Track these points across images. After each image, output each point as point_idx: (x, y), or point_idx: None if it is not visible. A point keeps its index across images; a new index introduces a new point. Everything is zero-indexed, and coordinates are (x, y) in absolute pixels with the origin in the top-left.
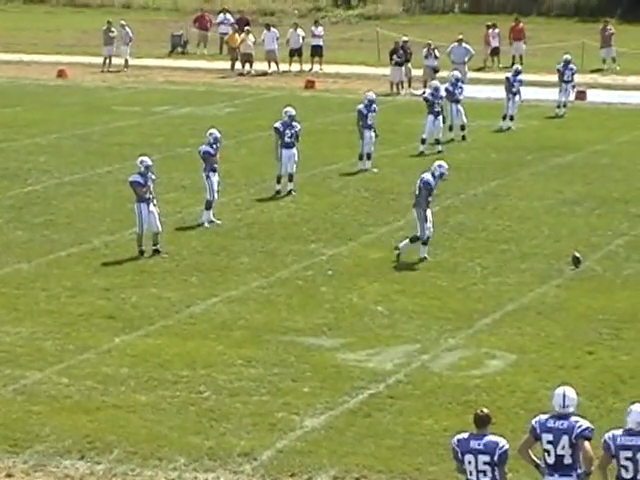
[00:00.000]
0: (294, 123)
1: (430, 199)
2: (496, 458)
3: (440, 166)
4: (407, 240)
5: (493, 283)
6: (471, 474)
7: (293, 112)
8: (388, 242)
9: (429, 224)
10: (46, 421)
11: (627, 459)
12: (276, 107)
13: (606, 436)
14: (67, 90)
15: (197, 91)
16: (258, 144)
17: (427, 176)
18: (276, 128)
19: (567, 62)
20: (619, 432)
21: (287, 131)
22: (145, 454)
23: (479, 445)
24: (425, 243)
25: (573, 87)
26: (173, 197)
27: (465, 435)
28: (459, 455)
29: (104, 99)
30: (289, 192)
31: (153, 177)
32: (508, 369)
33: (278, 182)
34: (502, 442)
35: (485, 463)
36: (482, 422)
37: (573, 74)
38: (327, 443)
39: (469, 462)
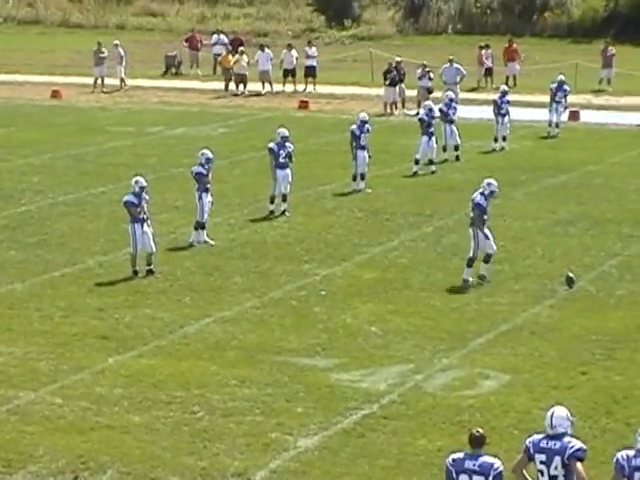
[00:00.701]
0: (287, 144)
1: (485, 217)
2: (490, 479)
3: (489, 184)
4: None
5: (486, 303)
6: None
7: (286, 132)
8: (382, 262)
9: (490, 242)
10: (40, 441)
11: None
12: (270, 127)
13: (619, 456)
14: (61, 110)
15: (191, 112)
16: (252, 164)
17: (478, 197)
18: (270, 149)
19: (561, 83)
20: (632, 453)
21: (281, 151)
22: (139, 474)
23: (474, 465)
24: (486, 261)
25: (565, 108)
26: (167, 217)
27: (460, 455)
28: (453, 474)
29: (98, 119)
30: (282, 212)
31: (147, 197)
32: (502, 389)
33: (272, 202)
34: (497, 463)
35: None
36: (477, 442)
37: (566, 95)
38: (321, 463)
39: None
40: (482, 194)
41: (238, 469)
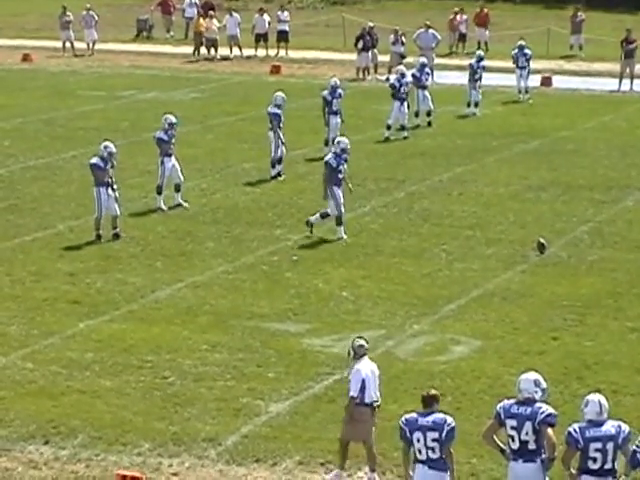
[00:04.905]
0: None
1: (340, 176)
2: (444, 435)
3: (339, 142)
4: (318, 214)
5: (458, 269)
6: (420, 452)
7: (284, 96)
8: (353, 227)
9: (337, 202)
10: (10, 406)
11: (597, 450)
12: (242, 92)
13: (571, 430)
14: (32, 74)
15: (162, 76)
16: (223, 129)
17: (327, 156)
18: (275, 113)
19: (521, 48)
20: (583, 425)
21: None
22: (110, 439)
23: (427, 422)
24: (339, 223)
25: (528, 72)
26: (138, 182)
27: (413, 414)
28: (407, 434)
29: (69, 83)
30: (278, 174)
31: (114, 162)
32: (473, 355)
33: (273, 167)
34: (450, 419)
35: (434, 440)
36: (428, 402)
37: (528, 59)
38: (292, 428)
39: (418, 440)
40: (334, 153)
41: (209, 434)
